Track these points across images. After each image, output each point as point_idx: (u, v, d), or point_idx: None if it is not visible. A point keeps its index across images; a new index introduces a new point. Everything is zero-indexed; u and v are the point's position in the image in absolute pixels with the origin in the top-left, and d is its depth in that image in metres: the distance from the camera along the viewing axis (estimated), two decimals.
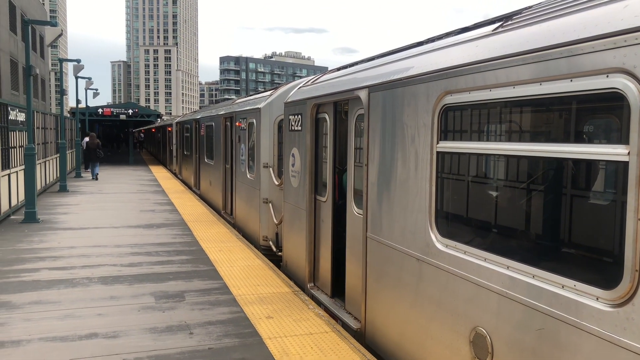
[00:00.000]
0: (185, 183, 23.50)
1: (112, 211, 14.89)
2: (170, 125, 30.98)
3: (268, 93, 11.18)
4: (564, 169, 3.41)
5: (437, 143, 4.36)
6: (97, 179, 24.43)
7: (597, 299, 2.86)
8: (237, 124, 12.39)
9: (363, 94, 5.69)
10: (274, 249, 10.03)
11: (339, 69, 7.58)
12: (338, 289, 6.97)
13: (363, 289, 5.71)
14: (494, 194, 4.09)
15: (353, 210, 6.29)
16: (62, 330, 5.91)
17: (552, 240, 3.58)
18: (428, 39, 5.41)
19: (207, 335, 5.82)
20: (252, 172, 11.02)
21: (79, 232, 11.73)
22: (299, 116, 7.82)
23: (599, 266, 3.18)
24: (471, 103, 3.97)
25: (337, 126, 6.67)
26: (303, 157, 7.68)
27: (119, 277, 8.15)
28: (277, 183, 9.88)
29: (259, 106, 10.47)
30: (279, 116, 10.06)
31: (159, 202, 16.88)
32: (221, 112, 14.64)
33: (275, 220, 9.88)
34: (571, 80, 3.04)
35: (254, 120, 10.76)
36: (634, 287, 2.68)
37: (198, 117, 19.54)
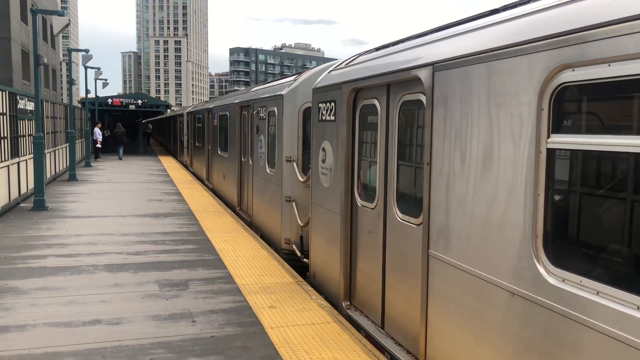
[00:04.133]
0: (196, 176, 22.62)
1: (120, 200, 14.98)
2: (181, 115, 29.74)
3: (291, 78, 10.06)
4: None
5: (548, 137, 3.25)
6: (121, 159, 30.61)
7: None
8: (254, 112, 11.29)
9: (424, 74, 4.54)
10: (298, 254, 8.78)
11: (378, 49, 6.48)
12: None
13: (423, 318, 4.57)
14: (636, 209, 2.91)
15: (396, 216, 5.24)
16: (67, 316, 5.97)
17: None
18: (505, 5, 4.25)
19: (210, 324, 5.85)
20: (273, 167, 9.91)
21: (86, 221, 11.82)
22: (332, 104, 6.73)
23: None
24: (606, 80, 2.85)
25: (389, 115, 5.47)
26: (337, 152, 6.55)
27: (124, 265, 8.20)
28: (302, 180, 8.83)
29: (281, 93, 9.36)
30: (304, 104, 9.00)
31: (166, 192, 16.95)
32: (237, 101, 13.43)
33: (299, 222, 8.69)
34: None
35: (275, 109, 9.62)
36: None
37: (211, 106, 18.37)
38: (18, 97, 13.92)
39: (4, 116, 12.53)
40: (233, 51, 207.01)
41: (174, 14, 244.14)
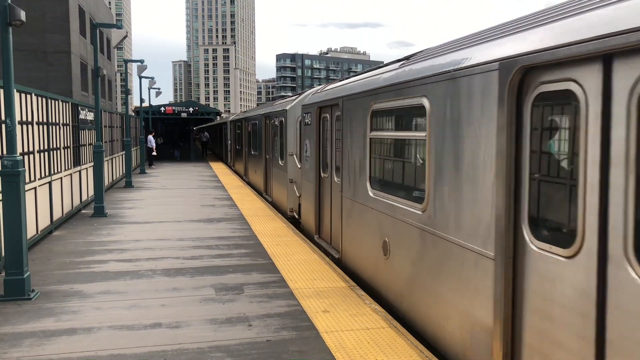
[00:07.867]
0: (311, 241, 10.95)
1: (174, 206, 15.42)
2: (254, 119, 19.86)
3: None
4: None
5: None
6: (179, 159, 37.25)
7: None
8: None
9: None
10: None
11: None
12: None
13: None
14: None
15: None
16: (129, 320, 6.19)
17: None
18: None
19: (266, 328, 5.93)
20: None
21: (143, 226, 12.22)
22: None
23: None
24: None
25: None
26: None
27: (181, 269, 8.43)
28: None
29: None
30: None
31: (218, 197, 17.32)
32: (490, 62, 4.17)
33: None
34: None
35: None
36: None
37: (369, 88, 7.12)
38: (79, 108, 14.58)
39: (68, 127, 13.15)
40: (279, 57, 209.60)
41: (222, 22, 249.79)
